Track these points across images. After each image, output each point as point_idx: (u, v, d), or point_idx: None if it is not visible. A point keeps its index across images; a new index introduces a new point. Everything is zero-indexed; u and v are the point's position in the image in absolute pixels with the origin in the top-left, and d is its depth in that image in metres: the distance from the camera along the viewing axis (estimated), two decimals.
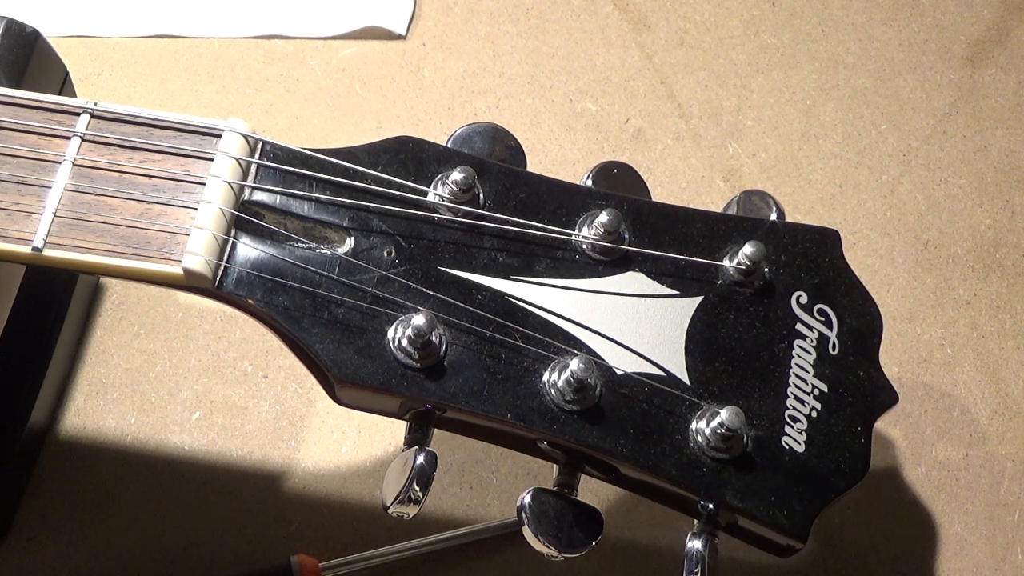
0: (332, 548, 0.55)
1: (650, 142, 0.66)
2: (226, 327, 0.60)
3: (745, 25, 0.70)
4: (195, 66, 0.66)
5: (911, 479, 0.59)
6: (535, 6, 0.70)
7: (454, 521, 0.56)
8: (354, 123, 0.66)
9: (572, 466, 0.42)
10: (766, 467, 0.41)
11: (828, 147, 0.67)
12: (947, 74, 0.70)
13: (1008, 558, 0.58)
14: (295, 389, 0.59)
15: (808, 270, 0.44)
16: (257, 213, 0.40)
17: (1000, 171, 0.67)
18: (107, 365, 0.58)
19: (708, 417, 0.41)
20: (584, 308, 0.42)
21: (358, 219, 0.41)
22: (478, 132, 0.44)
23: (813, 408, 0.42)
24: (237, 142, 0.40)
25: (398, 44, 0.68)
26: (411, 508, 0.40)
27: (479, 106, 0.67)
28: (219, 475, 0.56)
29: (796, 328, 0.43)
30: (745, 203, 0.45)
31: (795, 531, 0.41)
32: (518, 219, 0.42)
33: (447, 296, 0.41)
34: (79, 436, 0.57)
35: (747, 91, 0.68)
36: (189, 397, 0.58)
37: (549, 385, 0.40)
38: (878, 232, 0.65)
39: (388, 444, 0.58)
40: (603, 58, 0.69)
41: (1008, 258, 0.65)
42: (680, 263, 0.43)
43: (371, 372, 0.39)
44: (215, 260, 0.39)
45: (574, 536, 0.40)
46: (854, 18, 0.71)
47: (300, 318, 0.39)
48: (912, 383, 0.61)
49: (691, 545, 0.41)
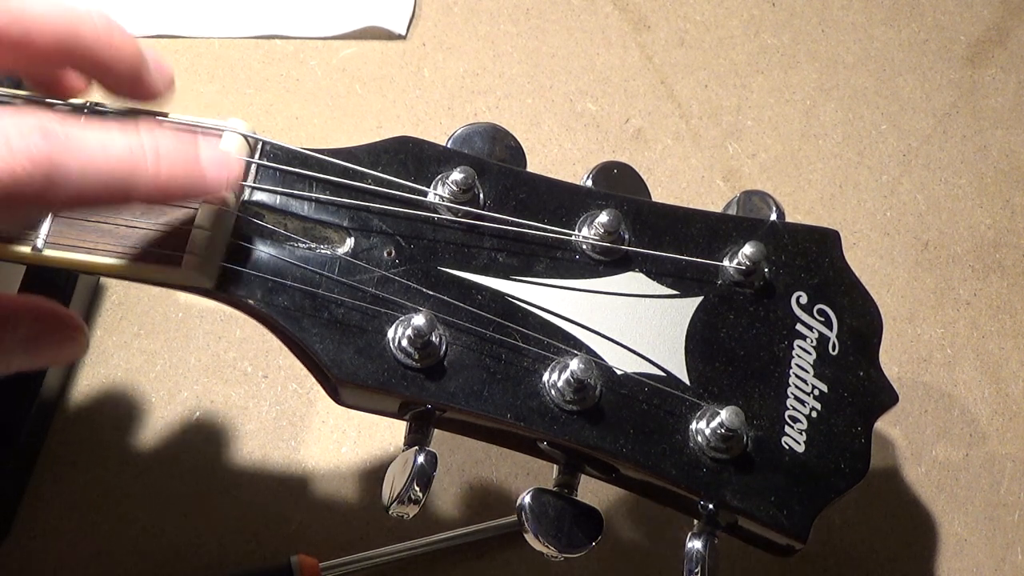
0: (332, 548, 0.55)
1: (650, 142, 0.66)
2: (226, 327, 0.60)
3: (745, 25, 0.70)
4: (195, 66, 0.66)
5: (911, 479, 0.59)
6: (535, 6, 0.70)
7: (454, 521, 0.56)
8: (354, 123, 0.66)
9: (572, 466, 0.42)
10: (766, 467, 0.41)
11: (828, 147, 0.67)
12: (947, 74, 0.70)
13: (1008, 558, 0.58)
14: (295, 389, 0.59)
15: (808, 270, 0.44)
16: (257, 213, 0.40)
17: (1000, 171, 0.67)
18: (107, 365, 0.58)
19: (708, 417, 0.41)
20: (584, 308, 0.42)
21: (358, 219, 0.41)
22: (478, 132, 0.44)
23: (813, 408, 0.42)
24: (237, 142, 0.40)
25: (398, 44, 0.68)
26: (411, 508, 0.40)
27: (479, 106, 0.67)
28: (219, 475, 0.56)
29: (796, 328, 0.43)
30: (745, 203, 0.45)
31: (795, 531, 0.41)
32: (518, 219, 0.42)
33: (447, 296, 0.41)
34: (79, 436, 0.57)
35: (747, 91, 0.68)
36: (189, 397, 0.58)
37: (549, 385, 0.40)
38: (878, 232, 0.65)
39: (388, 444, 0.58)
40: (603, 58, 0.69)
41: (1008, 258, 0.65)
42: (680, 263, 0.43)
43: (371, 372, 0.39)
44: (215, 260, 0.39)
45: (574, 536, 0.40)
46: (854, 18, 0.71)
47: (300, 318, 0.39)
48: (912, 383, 0.61)
49: (691, 545, 0.41)
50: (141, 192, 0.34)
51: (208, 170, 0.35)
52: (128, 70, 0.38)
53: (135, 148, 0.33)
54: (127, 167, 0.33)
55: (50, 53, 0.37)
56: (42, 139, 0.31)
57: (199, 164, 0.35)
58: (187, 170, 0.35)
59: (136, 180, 0.33)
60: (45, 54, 0.36)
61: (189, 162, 0.35)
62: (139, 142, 0.33)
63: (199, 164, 0.35)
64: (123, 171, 0.33)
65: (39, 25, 0.36)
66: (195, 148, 0.35)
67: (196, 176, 0.35)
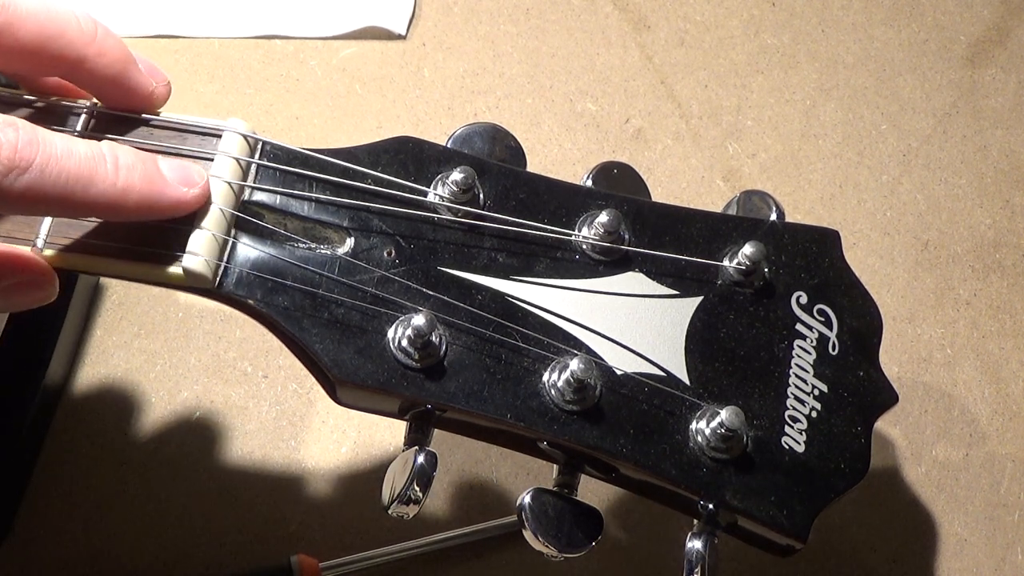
0: (332, 548, 0.55)
1: (650, 142, 0.66)
2: (226, 327, 0.60)
3: (745, 25, 0.70)
4: (195, 66, 0.66)
5: (911, 479, 0.59)
6: (535, 6, 0.70)
7: (454, 521, 0.56)
8: (354, 123, 0.66)
9: (572, 466, 0.42)
10: (766, 467, 0.41)
11: (828, 147, 0.67)
12: (947, 74, 0.70)
13: (1008, 558, 0.58)
14: (295, 389, 0.59)
15: (808, 270, 0.44)
16: (257, 213, 0.40)
17: (1000, 171, 0.67)
18: (107, 365, 0.58)
19: (708, 417, 0.41)
20: (584, 308, 0.42)
21: (358, 219, 0.41)
22: (478, 132, 0.44)
23: (813, 408, 0.42)
24: (237, 142, 0.40)
25: (398, 44, 0.68)
26: (411, 508, 0.40)
27: (479, 106, 0.67)
28: (219, 475, 0.56)
29: (796, 328, 0.43)
30: (745, 203, 0.45)
31: (795, 531, 0.41)
32: (518, 219, 0.42)
33: (447, 296, 0.41)
34: (79, 436, 0.57)
35: (747, 91, 0.68)
36: (189, 397, 0.58)
37: (549, 385, 0.40)
38: (878, 232, 0.65)
39: (388, 444, 0.58)
40: (603, 58, 0.69)
41: (1008, 258, 0.65)
42: (680, 263, 0.43)
43: (371, 372, 0.39)
44: (215, 260, 0.39)
45: (574, 536, 0.40)
46: (854, 18, 0.71)
47: (300, 318, 0.39)
48: (912, 383, 0.61)
49: (691, 545, 0.41)
50: (99, 196, 0.35)
51: (170, 181, 0.37)
52: (115, 74, 0.39)
53: (97, 155, 0.35)
54: (87, 171, 0.34)
55: (34, 50, 0.37)
56: (9, 128, 0.33)
57: (159, 174, 0.37)
58: (146, 178, 0.36)
59: (95, 183, 0.35)
60: (30, 51, 0.37)
61: (149, 172, 0.36)
62: (100, 151, 0.35)
63: (159, 174, 0.37)
64: (84, 174, 0.34)
65: (23, 21, 0.36)
66: (154, 161, 0.37)
67: (156, 186, 0.36)
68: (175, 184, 0.37)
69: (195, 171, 0.38)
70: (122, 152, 0.36)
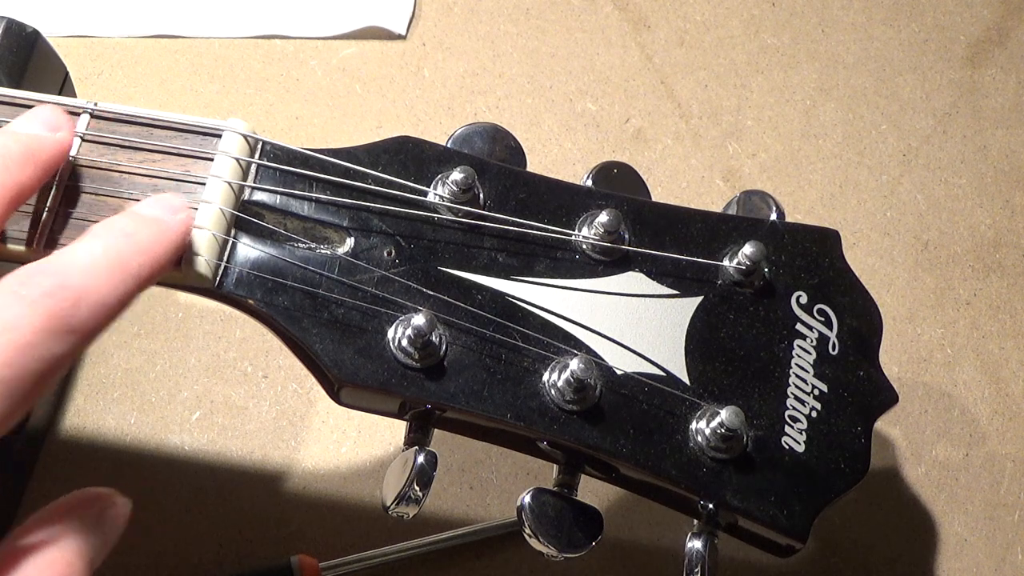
0: (332, 548, 0.55)
1: (650, 142, 0.66)
2: (226, 327, 0.60)
3: (745, 25, 0.70)
4: (195, 66, 0.66)
5: (911, 479, 0.59)
6: (535, 6, 0.70)
7: (454, 521, 0.56)
8: (354, 123, 0.66)
9: (572, 466, 0.42)
10: (766, 467, 0.41)
11: (828, 147, 0.67)
12: (947, 74, 0.70)
13: (1008, 558, 0.58)
14: (295, 389, 0.59)
15: (808, 270, 0.44)
16: (257, 213, 0.40)
17: (1000, 171, 0.67)
18: (107, 365, 0.58)
19: (708, 417, 0.41)
20: (584, 308, 0.42)
21: (358, 219, 0.41)
22: (478, 132, 0.44)
23: (813, 408, 0.42)
24: (237, 142, 0.40)
25: (398, 44, 0.68)
26: (411, 508, 0.40)
27: (479, 106, 0.67)
28: (219, 475, 0.56)
29: (796, 328, 0.43)
30: (745, 203, 0.45)
31: (795, 531, 0.41)
32: (518, 219, 0.42)
33: (447, 296, 0.41)
34: (79, 436, 0.57)
35: (747, 91, 0.68)
36: (189, 397, 0.58)
37: (549, 385, 0.40)
38: (878, 232, 0.65)
39: (388, 444, 0.58)
40: (603, 58, 0.69)
41: (1008, 258, 0.65)
42: (680, 263, 0.43)
43: (371, 372, 0.39)
44: (215, 260, 0.39)
45: (574, 536, 0.40)
46: (854, 18, 0.71)
47: (300, 318, 0.39)
48: (912, 383, 0.61)
49: (691, 545, 0.41)
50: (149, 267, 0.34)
51: (162, 216, 0.36)
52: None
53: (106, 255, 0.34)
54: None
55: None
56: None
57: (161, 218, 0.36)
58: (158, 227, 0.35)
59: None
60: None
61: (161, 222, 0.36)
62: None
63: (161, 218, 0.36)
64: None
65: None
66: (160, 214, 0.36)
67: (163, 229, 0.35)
68: (166, 215, 0.36)
69: (167, 196, 0.37)
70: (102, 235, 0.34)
